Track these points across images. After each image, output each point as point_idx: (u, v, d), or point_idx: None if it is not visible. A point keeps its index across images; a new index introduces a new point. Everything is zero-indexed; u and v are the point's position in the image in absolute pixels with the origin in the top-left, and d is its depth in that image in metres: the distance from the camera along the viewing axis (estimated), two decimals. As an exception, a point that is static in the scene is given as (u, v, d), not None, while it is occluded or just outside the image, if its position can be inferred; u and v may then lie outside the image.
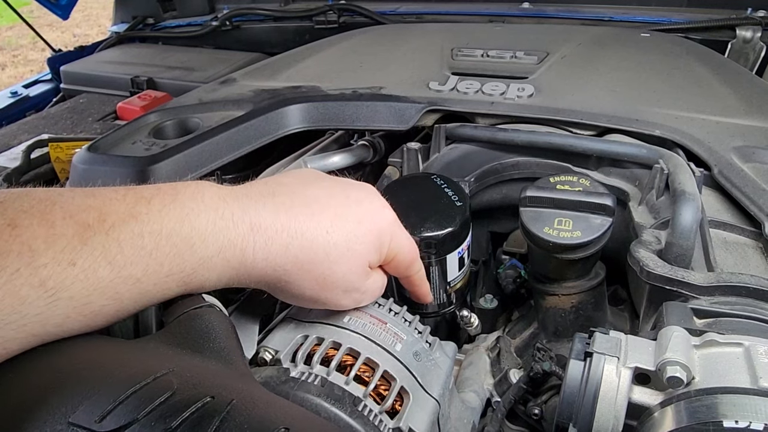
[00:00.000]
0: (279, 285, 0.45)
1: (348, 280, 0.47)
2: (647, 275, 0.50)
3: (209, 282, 0.42)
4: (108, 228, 0.36)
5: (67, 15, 1.87)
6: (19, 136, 1.29)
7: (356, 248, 0.46)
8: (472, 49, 0.99)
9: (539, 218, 0.57)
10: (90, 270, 0.35)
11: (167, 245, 0.38)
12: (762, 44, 1.23)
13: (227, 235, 0.41)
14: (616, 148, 0.68)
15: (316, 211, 0.45)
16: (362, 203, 0.48)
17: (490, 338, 0.72)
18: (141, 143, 0.77)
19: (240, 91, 0.91)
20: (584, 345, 0.43)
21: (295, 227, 0.43)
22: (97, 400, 0.29)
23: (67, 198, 0.37)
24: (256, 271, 0.43)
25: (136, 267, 0.37)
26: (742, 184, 0.60)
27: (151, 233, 0.38)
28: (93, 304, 0.36)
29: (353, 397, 0.45)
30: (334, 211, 0.46)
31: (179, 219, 0.39)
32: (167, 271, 0.38)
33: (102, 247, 0.36)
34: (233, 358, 0.39)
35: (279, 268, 0.44)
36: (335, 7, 1.61)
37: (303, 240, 0.43)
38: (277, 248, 0.43)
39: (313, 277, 0.45)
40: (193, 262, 0.39)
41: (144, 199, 0.39)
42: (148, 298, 0.39)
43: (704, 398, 0.36)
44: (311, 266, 0.44)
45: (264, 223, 0.42)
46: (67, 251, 0.34)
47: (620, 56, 0.97)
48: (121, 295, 0.37)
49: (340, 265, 0.45)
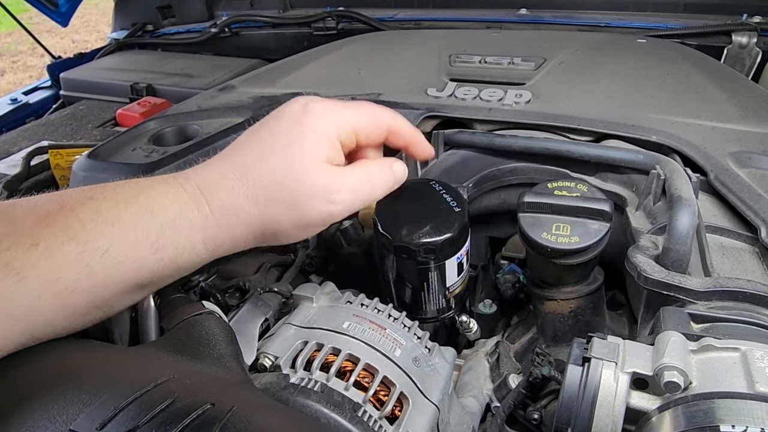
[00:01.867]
0: (254, 230, 0.46)
1: (310, 185, 0.45)
2: (644, 280, 0.51)
3: (183, 248, 0.43)
4: (67, 211, 0.38)
5: (67, 22, 1.87)
6: (19, 143, 1.29)
7: (295, 154, 0.45)
8: (469, 56, 1.00)
9: (537, 224, 0.57)
10: (54, 247, 0.36)
11: (126, 214, 0.40)
12: (758, 50, 1.23)
13: (180, 198, 0.43)
14: (613, 154, 0.68)
15: (243, 150, 0.46)
16: (281, 116, 0.47)
17: (490, 343, 0.72)
18: (141, 150, 0.77)
19: (239, 98, 0.91)
20: (582, 350, 0.43)
21: (231, 170, 0.45)
22: (99, 407, 0.30)
23: (27, 199, 0.40)
24: (223, 227, 0.44)
25: (100, 239, 0.38)
26: (738, 190, 0.61)
27: (108, 207, 0.40)
28: (64, 279, 0.37)
29: (353, 403, 0.45)
30: (258, 139, 0.47)
31: (134, 192, 0.42)
32: (133, 239, 0.40)
33: (62, 226, 0.37)
34: (233, 364, 0.39)
35: (241, 213, 0.44)
36: (334, 13, 1.62)
37: (243, 177, 0.45)
38: (225, 195, 0.44)
39: (274, 204, 0.45)
40: (156, 225, 0.41)
41: (99, 186, 0.42)
42: (123, 270, 0.40)
43: (701, 403, 0.37)
44: (265, 195, 0.45)
45: (206, 180, 0.44)
46: (28, 235, 0.36)
47: (617, 62, 0.98)
48: (92, 268, 0.38)
49: (290, 176, 0.45)
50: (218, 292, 0.64)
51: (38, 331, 0.37)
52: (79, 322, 0.40)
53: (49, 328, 0.38)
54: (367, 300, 0.57)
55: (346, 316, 0.53)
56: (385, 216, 0.60)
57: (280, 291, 0.61)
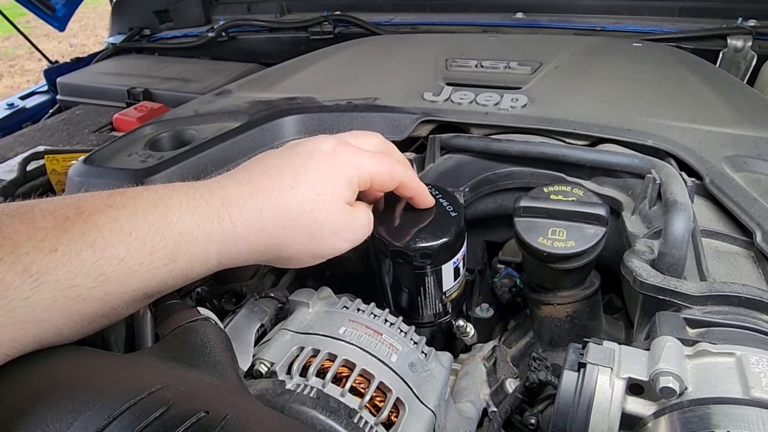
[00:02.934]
0: (271, 251, 0.47)
1: (332, 222, 0.49)
2: (640, 285, 0.51)
3: (197, 260, 0.43)
4: (86, 217, 0.39)
5: (64, 26, 1.88)
6: (15, 148, 1.29)
7: (325, 191, 0.48)
8: (466, 60, 1.00)
9: (533, 228, 0.57)
10: (72, 254, 0.37)
11: (145, 224, 0.40)
12: (753, 53, 1.24)
13: (201, 211, 0.43)
14: (608, 158, 0.68)
15: (275, 174, 0.48)
16: (314, 152, 0.50)
17: (486, 348, 0.72)
18: (137, 155, 0.77)
19: (236, 103, 0.91)
20: (578, 355, 0.43)
21: (262, 192, 0.46)
22: (92, 415, 0.29)
23: (45, 201, 0.40)
24: (242, 242, 0.45)
25: (118, 247, 0.39)
26: (733, 194, 0.61)
27: (127, 216, 0.40)
28: (79, 287, 0.37)
29: (349, 409, 0.45)
30: (291, 168, 0.48)
31: (153, 202, 0.42)
32: (150, 248, 0.40)
33: (81, 232, 0.38)
34: (228, 371, 0.39)
35: (262, 233, 0.46)
36: (330, 18, 1.62)
37: (273, 200, 0.46)
38: (252, 213, 0.45)
39: (297, 231, 0.47)
40: (174, 236, 0.41)
41: (117, 193, 0.42)
42: (136, 279, 0.40)
43: (697, 409, 0.37)
44: (291, 222, 0.47)
45: (232, 196, 0.45)
46: (47, 240, 0.36)
47: (613, 66, 0.98)
48: (107, 276, 0.38)
49: (318, 212, 0.48)
50: (214, 297, 0.64)
51: (46, 338, 0.37)
52: (84, 330, 0.40)
53: (56, 335, 0.38)
54: (364, 305, 0.57)
55: (342, 321, 0.53)
56: (381, 221, 0.60)
57: (276, 296, 0.61)
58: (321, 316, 0.55)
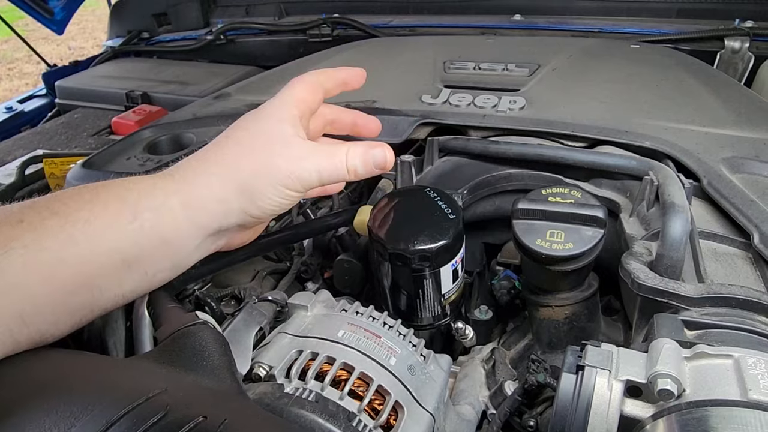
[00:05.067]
0: (232, 186, 0.48)
1: (283, 139, 0.49)
2: (638, 287, 0.51)
3: (162, 213, 0.45)
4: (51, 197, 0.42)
5: (63, 30, 1.88)
6: (13, 152, 1.29)
7: (267, 125, 0.51)
8: (464, 62, 1.00)
9: (531, 230, 0.57)
10: (36, 221, 0.39)
11: (104, 192, 0.44)
12: (750, 54, 1.24)
13: (156, 177, 0.48)
14: (606, 160, 0.68)
15: (215, 141, 0.52)
16: (247, 115, 0.53)
17: (485, 350, 0.72)
18: (135, 159, 0.77)
19: (234, 106, 0.91)
20: (576, 358, 0.43)
21: (203, 153, 0.50)
22: (90, 421, 0.29)
23: None
24: (202, 189, 0.48)
25: (81, 211, 0.41)
26: (731, 195, 0.61)
27: (88, 189, 0.44)
28: (48, 250, 0.39)
29: (348, 413, 0.45)
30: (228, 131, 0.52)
31: (113, 181, 0.46)
32: (112, 209, 0.43)
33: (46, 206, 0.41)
34: (226, 375, 0.39)
35: (212, 171, 0.49)
36: (329, 20, 1.62)
37: (213, 146, 0.50)
38: (195, 161, 0.50)
39: (249, 155, 0.49)
40: (132, 196, 0.45)
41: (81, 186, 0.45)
42: (105, 239, 0.42)
43: (695, 411, 0.37)
44: (239, 150, 0.49)
45: (180, 165, 0.50)
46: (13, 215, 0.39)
47: (610, 68, 0.99)
48: (75, 238, 0.40)
49: (264, 131, 0.50)
50: (213, 301, 0.64)
51: (25, 310, 0.37)
52: (68, 304, 0.40)
53: (36, 307, 0.38)
54: (362, 308, 0.57)
55: (341, 324, 0.53)
56: (379, 223, 0.60)
57: (274, 299, 0.61)
58: (320, 319, 0.55)
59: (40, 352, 0.37)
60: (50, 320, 0.39)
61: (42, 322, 0.38)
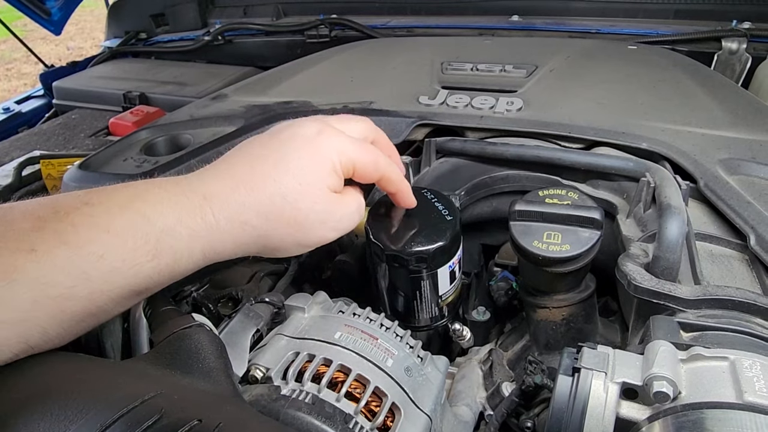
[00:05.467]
0: (257, 243, 0.47)
1: (317, 212, 0.48)
2: (634, 289, 0.51)
3: (181, 255, 0.43)
4: (62, 216, 0.38)
5: (60, 30, 1.87)
6: (10, 153, 1.29)
7: (308, 180, 0.47)
8: (461, 63, 1.00)
9: (528, 232, 0.57)
10: (47, 251, 0.36)
11: (121, 220, 0.40)
12: (747, 55, 1.24)
13: (183, 205, 0.43)
14: (603, 161, 0.68)
15: (256, 165, 0.47)
16: (296, 137, 0.49)
17: (483, 351, 0.72)
18: (132, 160, 0.77)
19: (231, 107, 0.91)
20: (572, 360, 0.43)
21: (243, 185, 0.45)
22: (84, 424, 0.29)
23: (25, 202, 0.40)
24: (227, 236, 0.45)
25: (95, 244, 0.38)
26: (727, 197, 0.61)
27: (102, 212, 0.39)
28: (59, 286, 0.37)
29: (344, 415, 0.45)
30: (273, 158, 0.47)
31: (129, 197, 0.41)
32: (131, 245, 0.39)
33: (55, 231, 0.37)
34: (222, 378, 0.39)
35: (246, 226, 0.45)
36: (327, 21, 1.62)
37: (255, 193, 0.45)
38: (234, 208, 0.45)
39: (282, 223, 0.47)
40: (155, 232, 0.41)
41: (95, 191, 0.42)
42: (120, 276, 0.39)
43: (690, 413, 0.37)
44: (275, 214, 0.46)
45: (214, 191, 0.45)
46: (22, 240, 0.36)
47: (608, 69, 0.99)
48: (88, 274, 0.38)
49: (302, 202, 0.47)
50: (210, 302, 0.64)
51: (33, 339, 0.37)
52: (74, 330, 0.39)
53: (44, 335, 0.37)
54: (359, 309, 0.57)
55: (338, 326, 0.53)
56: (376, 225, 0.60)
57: (271, 301, 0.61)
58: (317, 320, 0.55)
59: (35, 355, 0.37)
60: (54, 342, 0.38)
61: (45, 345, 0.38)
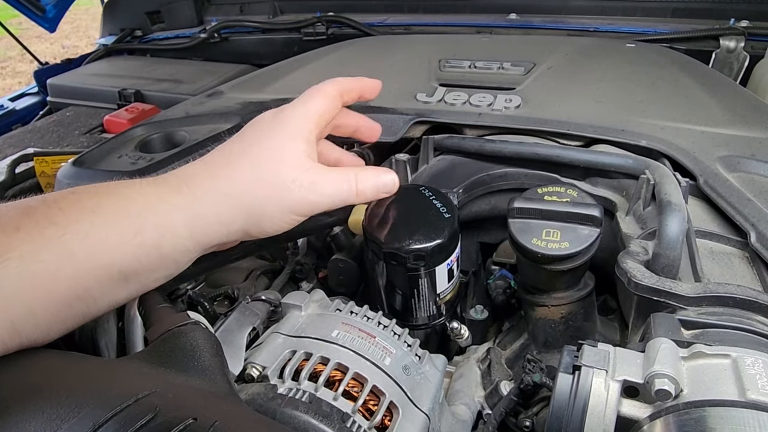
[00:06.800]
0: (242, 213, 0.48)
1: (295, 170, 0.48)
2: (635, 286, 0.50)
3: (165, 230, 0.44)
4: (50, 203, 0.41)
5: (54, 28, 1.86)
6: (4, 150, 1.28)
7: (276, 146, 0.49)
8: (459, 61, 1.00)
9: (527, 229, 0.57)
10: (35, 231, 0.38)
11: (106, 201, 0.42)
12: (745, 54, 1.24)
13: (161, 186, 0.46)
14: (602, 159, 0.68)
15: (224, 149, 0.50)
16: (257, 122, 0.52)
17: (481, 350, 0.71)
18: (127, 157, 0.76)
19: (227, 104, 0.91)
20: (573, 358, 0.42)
21: (213, 164, 0.49)
22: (77, 423, 0.29)
23: (13, 201, 0.41)
24: (208, 209, 0.46)
25: (81, 223, 0.40)
26: (727, 194, 0.61)
27: (89, 197, 0.42)
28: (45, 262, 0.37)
29: (342, 413, 0.44)
30: (238, 140, 0.51)
31: (114, 185, 0.45)
32: (114, 222, 0.42)
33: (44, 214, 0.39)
34: (218, 376, 0.39)
35: (223, 195, 0.47)
36: (323, 19, 1.62)
37: (226, 167, 0.48)
38: (209, 181, 0.48)
39: (261, 186, 0.48)
40: (136, 209, 0.43)
41: (81, 187, 0.44)
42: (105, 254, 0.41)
43: (692, 411, 0.36)
44: (252, 180, 0.48)
45: (188, 173, 0.48)
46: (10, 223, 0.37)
47: (606, 67, 0.98)
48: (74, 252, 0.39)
49: (275, 163, 0.48)
50: (206, 300, 0.63)
51: (19, 321, 0.36)
52: (62, 316, 0.39)
53: (30, 318, 0.37)
54: (357, 308, 0.57)
55: (335, 324, 0.53)
56: (374, 222, 0.59)
57: (268, 299, 0.60)
58: (314, 319, 0.55)
59: (28, 352, 0.37)
60: (43, 329, 0.38)
61: (34, 331, 0.37)
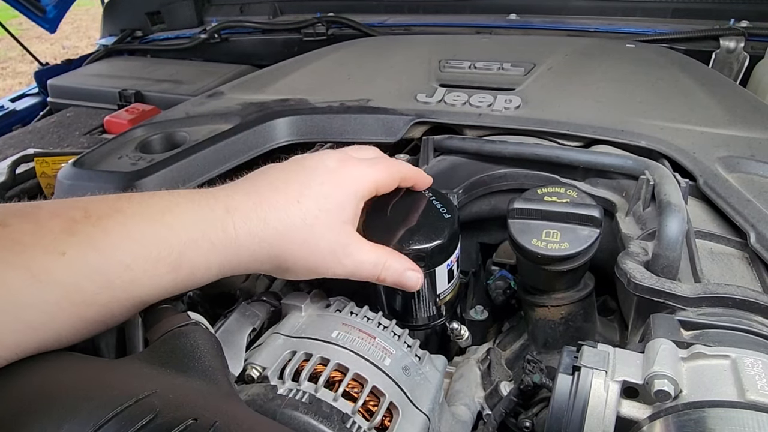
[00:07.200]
0: (271, 261, 0.48)
1: (329, 240, 0.49)
2: (634, 287, 0.50)
3: (199, 268, 0.43)
4: (94, 220, 0.39)
5: (55, 28, 1.86)
6: (4, 151, 1.28)
7: (327, 207, 0.49)
8: (459, 61, 1.00)
9: (527, 230, 0.57)
10: (79, 257, 0.37)
11: (151, 231, 0.40)
12: (745, 54, 1.24)
13: (207, 218, 0.44)
14: (602, 159, 0.68)
15: (280, 187, 0.48)
16: (319, 168, 0.51)
17: (481, 350, 0.71)
18: (127, 158, 0.76)
19: (227, 105, 0.91)
20: (572, 359, 0.42)
21: (267, 203, 0.47)
22: (78, 423, 0.29)
23: (52, 202, 0.40)
24: (244, 251, 0.45)
25: (124, 252, 0.39)
26: (727, 195, 0.61)
27: (135, 223, 0.40)
28: (84, 292, 0.37)
29: (342, 414, 0.44)
30: (297, 182, 0.49)
31: (160, 209, 0.42)
32: (155, 255, 0.40)
33: (88, 235, 0.38)
34: (218, 377, 0.39)
35: (264, 243, 0.46)
36: (323, 19, 1.62)
37: (277, 212, 0.47)
38: (256, 223, 0.46)
39: (297, 245, 0.47)
40: (179, 245, 0.41)
41: (125, 197, 0.42)
42: (139, 286, 0.40)
43: (692, 412, 0.36)
44: (292, 235, 0.47)
45: (237, 205, 0.46)
46: (55, 243, 0.36)
47: (606, 67, 0.98)
48: (112, 283, 0.38)
49: (318, 227, 0.48)
50: (207, 301, 0.63)
51: (47, 343, 0.37)
52: (82, 336, 0.39)
53: (57, 340, 0.37)
54: (357, 308, 0.57)
55: (335, 325, 0.53)
56: (374, 223, 0.59)
57: (268, 300, 0.60)
58: (314, 319, 0.55)
59: None
60: (64, 344, 0.39)
61: (57, 346, 0.38)
